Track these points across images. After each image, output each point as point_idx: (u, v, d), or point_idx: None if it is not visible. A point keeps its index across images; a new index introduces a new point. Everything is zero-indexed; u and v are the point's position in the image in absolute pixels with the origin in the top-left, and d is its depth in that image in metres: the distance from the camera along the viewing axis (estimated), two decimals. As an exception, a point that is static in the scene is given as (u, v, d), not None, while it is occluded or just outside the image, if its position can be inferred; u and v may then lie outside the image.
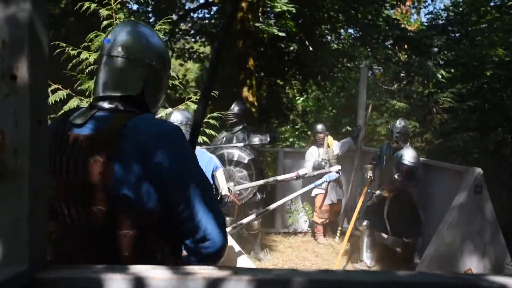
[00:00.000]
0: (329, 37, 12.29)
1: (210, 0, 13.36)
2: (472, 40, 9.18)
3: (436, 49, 9.35)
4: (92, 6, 3.86)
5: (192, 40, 14.40)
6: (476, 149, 7.17)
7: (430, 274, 0.91)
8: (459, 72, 8.58)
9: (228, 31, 1.34)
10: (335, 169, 3.69)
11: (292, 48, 11.11)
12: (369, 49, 10.45)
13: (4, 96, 0.82)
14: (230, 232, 3.93)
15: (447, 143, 7.49)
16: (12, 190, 0.82)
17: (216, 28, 13.34)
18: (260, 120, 10.60)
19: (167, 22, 4.18)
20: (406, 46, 10.40)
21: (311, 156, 5.97)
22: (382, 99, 8.55)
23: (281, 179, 4.84)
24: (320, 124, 6.18)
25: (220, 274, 0.84)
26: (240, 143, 4.96)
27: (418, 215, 4.87)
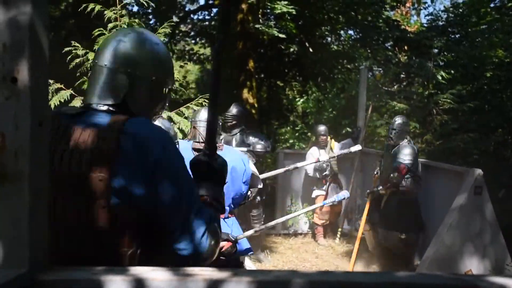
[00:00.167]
0: (329, 38, 12.29)
1: (210, 2, 13.38)
2: (472, 41, 9.18)
3: (436, 50, 9.35)
4: (97, 7, 3.88)
5: (192, 41, 14.42)
6: (476, 150, 7.16)
7: (430, 275, 0.91)
8: (459, 73, 8.58)
9: (221, 54, 1.27)
10: (346, 194, 3.73)
11: (292, 49, 11.12)
12: (369, 50, 10.46)
13: (5, 99, 0.82)
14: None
15: (447, 144, 7.49)
16: (13, 192, 0.82)
17: (216, 29, 13.34)
18: (260, 122, 10.60)
19: (168, 25, 4.19)
20: (406, 47, 10.40)
21: (312, 157, 5.97)
22: (382, 100, 8.55)
23: (301, 165, 4.89)
24: (322, 126, 6.16)
25: (220, 275, 0.84)
26: (243, 148, 4.95)
27: (418, 212, 4.82)
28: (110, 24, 3.86)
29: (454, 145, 7.32)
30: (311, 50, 11.07)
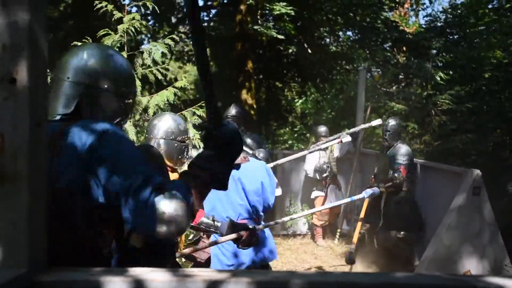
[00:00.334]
0: (328, 39, 12.30)
1: (209, 3, 13.39)
2: (470, 42, 9.20)
3: (435, 51, 9.37)
4: (109, 7, 3.91)
5: (191, 42, 14.41)
6: (475, 151, 7.18)
7: (429, 275, 0.92)
8: (457, 74, 8.60)
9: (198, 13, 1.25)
10: (376, 190, 3.73)
11: (291, 50, 11.12)
12: (367, 51, 10.48)
13: (3, 99, 0.82)
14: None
15: (446, 145, 7.51)
16: (11, 192, 0.82)
17: (215, 30, 13.37)
18: (259, 122, 10.60)
19: (167, 25, 4.22)
20: (404, 48, 10.42)
21: (313, 158, 5.97)
22: (380, 101, 8.57)
23: (324, 147, 5.05)
24: (323, 127, 6.16)
25: (219, 276, 0.84)
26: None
27: (416, 211, 4.86)
28: (120, 26, 3.90)
29: (453, 145, 7.34)
30: (309, 51, 11.08)
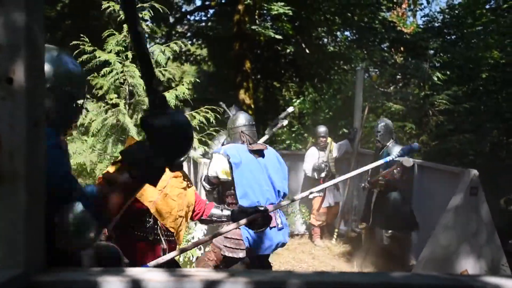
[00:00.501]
0: (325, 39, 12.32)
1: (207, 3, 13.39)
2: (467, 43, 9.23)
3: (432, 51, 9.39)
4: (116, 7, 3.92)
5: (189, 42, 14.42)
6: (472, 151, 7.19)
7: (426, 275, 0.92)
8: (455, 74, 8.63)
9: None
10: (415, 145, 3.56)
11: (288, 50, 11.13)
12: (365, 51, 10.50)
13: (1, 99, 0.82)
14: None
15: (443, 145, 7.52)
16: (9, 192, 0.82)
17: (213, 30, 13.36)
18: (257, 123, 10.58)
19: (164, 25, 4.25)
20: (402, 49, 10.44)
21: (312, 157, 5.97)
22: (378, 101, 8.58)
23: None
24: (323, 127, 6.15)
25: (217, 276, 0.84)
26: None
27: (409, 209, 4.92)
28: (126, 25, 3.92)
29: (450, 145, 7.36)
30: (307, 51, 11.09)
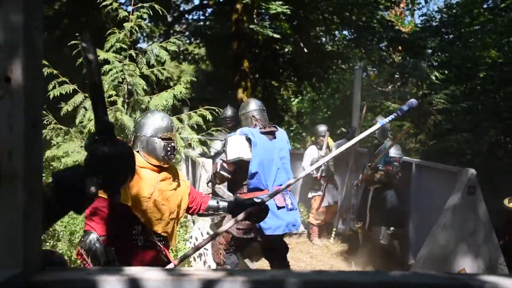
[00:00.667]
0: (323, 38, 12.32)
1: (205, 2, 13.37)
2: (465, 42, 9.24)
3: (430, 50, 9.40)
4: (115, 4, 3.93)
5: (187, 41, 14.41)
6: (470, 150, 7.21)
7: (424, 274, 0.92)
8: (452, 73, 8.64)
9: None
10: (415, 102, 3.28)
11: (287, 49, 11.13)
12: (363, 50, 10.50)
13: (-1, 98, 0.82)
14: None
15: (441, 144, 7.54)
16: (7, 192, 0.82)
17: (211, 29, 13.34)
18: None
19: (163, 24, 4.26)
20: (400, 48, 10.46)
21: (311, 156, 5.97)
22: (376, 101, 8.59)
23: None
24: (323, 126, 6.14)
25: (216, 275, 0.84)
26: None
27: (403, 206, 5.02)
28: (126, 24, 3.93)
29: (448, 145, 7.37)
30: (305, 50, 11.09)
